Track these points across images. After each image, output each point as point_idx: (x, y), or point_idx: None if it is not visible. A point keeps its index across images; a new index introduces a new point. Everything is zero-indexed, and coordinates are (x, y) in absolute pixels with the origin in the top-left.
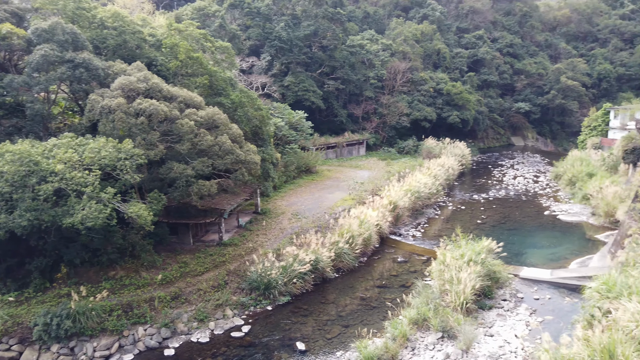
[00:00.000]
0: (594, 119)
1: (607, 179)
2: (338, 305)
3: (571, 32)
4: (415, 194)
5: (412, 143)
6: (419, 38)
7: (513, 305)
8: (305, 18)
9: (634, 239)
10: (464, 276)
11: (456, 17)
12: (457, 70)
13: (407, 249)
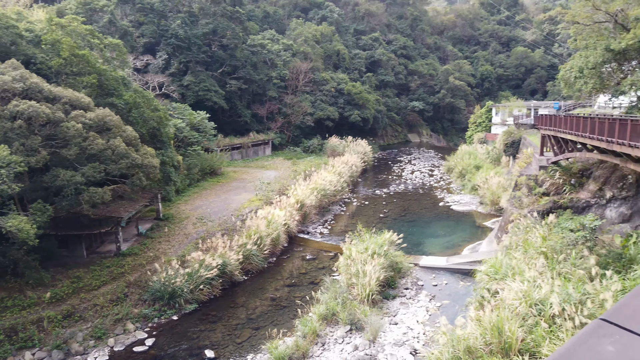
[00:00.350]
0: (478, 115)
1: (491, 170)
2: (248, 308)
3: (457, 36)
4: (322, 192)
5: (317, 142)
6: (319, 39)
7: (414, 293)
8: (203, 16)
9: (516, 224)
10: (369, 269)
11: (353, 19)
12: (356, 71)
13: (315, 246)
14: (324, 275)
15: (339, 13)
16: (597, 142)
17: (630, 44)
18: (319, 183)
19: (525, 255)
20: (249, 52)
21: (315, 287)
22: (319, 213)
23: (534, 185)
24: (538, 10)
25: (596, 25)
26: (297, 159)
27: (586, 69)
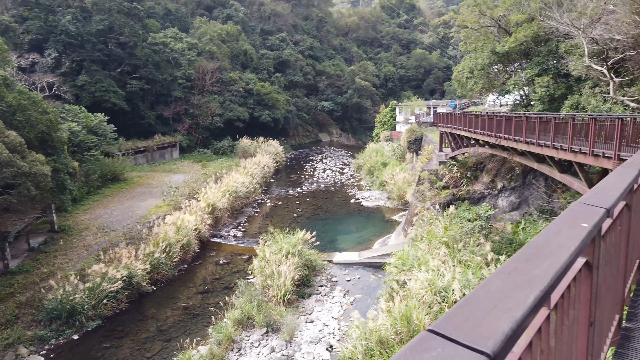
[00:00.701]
0: (383, 114)
1: (397, 167)
2: (158, 320)
3: (361, 38)
4: (234, 194)
5: (228, 143)
6: (224, 38)
7: (329, 289)
8: (98, 11)
9: (420, 216)
10: (283, 269)
11: (260, 19)
12: (265, 71)
13: (229, 250)
14: (238, 279)
15: (245, 12)
16: (487, 137)
17: (512, 46)
18: (230, 185)
19: (429, 246)
20: (150, 51)
21: (230, 292)
22: (231, 216)
23: (435, 180)
24: (433, 15)
25: (483, 29)
26: (207, 161)
27: (476, 70)
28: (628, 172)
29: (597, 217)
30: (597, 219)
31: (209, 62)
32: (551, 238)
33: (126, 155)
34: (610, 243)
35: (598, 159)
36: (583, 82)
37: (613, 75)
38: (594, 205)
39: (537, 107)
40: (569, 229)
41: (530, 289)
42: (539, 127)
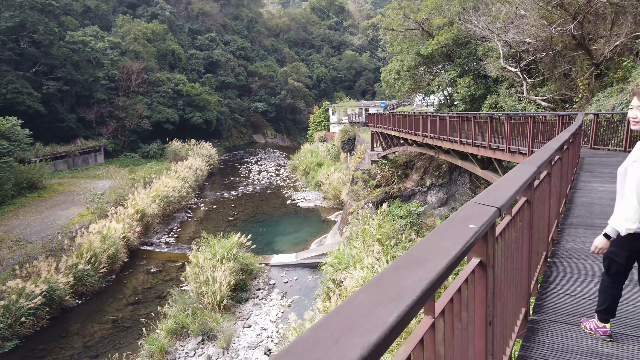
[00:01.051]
0: (317, 115)
1: (332, 167)
2: (84, 335)
3: (292, 39)
4: (165, 199)
5: (157, 146)
6: (150, 37)
7: (266, 292)
8: (7, 7)
9: (355, 215)
10: (218, 275)
11: (187, 18)
12: (194, 72)
13: (160, 257)
14: (171, 287)
15: (171, 11)
16: (415, 136)
17: (435, 49)
18: (160, 190)
19: (364, 244)
20: (68, 50)
21: (163, 301)
22: (163, 222)
23: (368, 179)
24: (362, 17)
25: (408, 32)
26: (135, 165)
27: (402, 71)
28: (527, 168)
29: (486, 217)
30: (486, 219)
31: (134, 62)
32: (435, 242)
33: (44, 161)
34: (510, 239)
35: (514, 155)
36: (500, 83)
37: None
38: (486, 204)
39: (460, 106)
40: (455, 232)
41: (395, 304)
42: (461, 126)
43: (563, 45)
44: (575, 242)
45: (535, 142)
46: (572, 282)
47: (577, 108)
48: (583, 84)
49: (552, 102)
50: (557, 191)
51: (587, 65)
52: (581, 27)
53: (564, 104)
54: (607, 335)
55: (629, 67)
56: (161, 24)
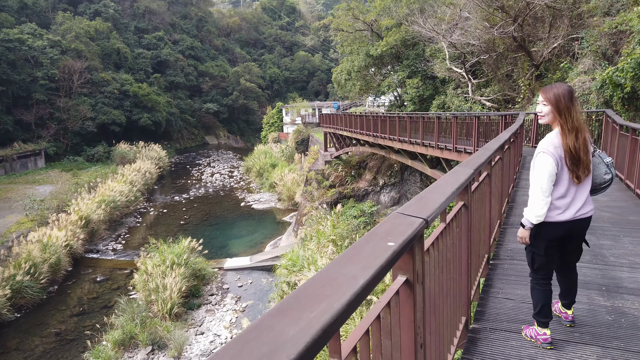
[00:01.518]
0: (270, 116)
1: (286, 168)
2: (24, 351)
3: (243, 39)
4: (111, 204)
5: (103, 149)
6: (93, 36)
7: (220, 298)
8: None
9: (309, 216)
10: (168, 282)
11: (133, 16)
12: (142, 72)
13: (107, 265)
14: (118, 296)
15: (115, 9)
16: (367, 137)
17: (385, 50)
18: (106, 195)
19: (318, 245)
20: (3, 49)
21: (109, 311)
22: (110, 228)
23: (322, 179)
24: (314, 18)
25: (358, 32)
26: (79, 169)
27: (353, 72)
28: (463, 171)
29: (410, 230)
30: (410, 232)
31: (76, 62)
32: (341, 268)
33: None
34: (446, 248)
35: (461, 155)
36: (447, 84)
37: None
38: (411, 215)
39: (410, 107)
40: (371, 251)
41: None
42: (410, 127)
43: (505, 47)
44: (517, 242)
45: (481, 142)
46: (512, 285)
47: (519, 108)
48: (524, 85)
49: (496, 102)
50: (499, 191)
51: (528, 67)
52: (521, 30)
53: (507, 103)
54: (547, 342)
55: (565, 68)
56: (105, 22)
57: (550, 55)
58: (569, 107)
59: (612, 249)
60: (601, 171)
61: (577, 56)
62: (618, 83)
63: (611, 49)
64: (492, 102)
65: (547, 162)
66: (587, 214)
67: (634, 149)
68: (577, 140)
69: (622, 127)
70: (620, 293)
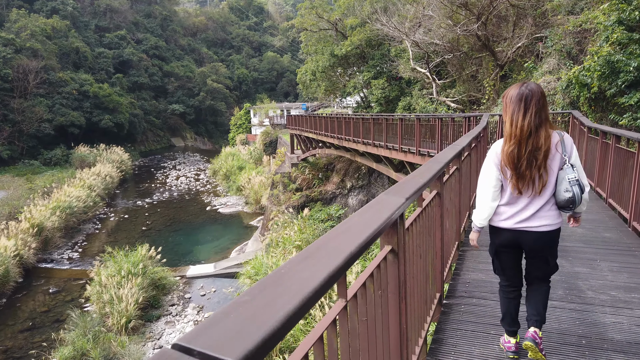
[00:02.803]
0: (238, 117)
1: (253, 170)
2: None
3: (210, 39)
4: (67, 210)
5: (61, 152)
6: (50, 34)
7: (181, 308)
8: None
9: (275, 221)
10: (124, 293)
11: (93, 14)
12: (103, 71)
13: (62, 275)
14: (71, 309)
15: (74, 6)
16: (332, 139)
17: (349, 50)
18: (62, 200)
19: (284, 251)
20: None
21: (62, 325)
22: (66, 235)
23: (288, 182)
24: (282, 19)
25: (322, 32)
26: (34, 174)
27: (318, 73)
28: (435, 164)
29: (394, 207)
30: (394, 209)
31: (32, 61)
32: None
33: None
34: (423, 229)
35: (424, 158)
36: (413, 85)
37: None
38: (395, 196)
39: (376, 108)
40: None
41: (293, 297)
42: (374, 129)
43: (469, 47)
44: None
45: (444, 144)
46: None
47: (484, 109)
48: (489, 85)
49: (461, 104)
50: (468, 185)
51: (492, 67)
52: (485, 28)
53: (472, 105)
54: (512, 351)
55: (530, 68)
56: (63, 20)
57: (514, 55)
58: (513, 110)
59: (589, 279)
60: (562, 187)
61: (541, 56)
62: (584, 83)
63: (576, 48)
64: (457, 103)
65: (485, 167)
66: (536, 228)
67: (604, 154)
68: (516, 150)
69: (591, 129)
70: (604, 350)
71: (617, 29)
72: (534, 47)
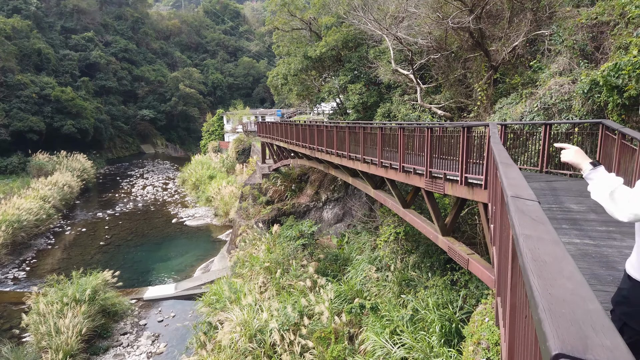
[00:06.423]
0: (211, 124)
1: (224, 179)
2: None
3: (184, 42)
4: (14, 224)
5: (18, 160)
6: (10, 34)
7: (134, 337)
8: None
9: (243, 237)
10: (65, 323)
11: (59, 15)
12: (67, 75)
13: (3, 298)
14: (7, 339)
15: (38, 6)
16: (303, 149)
17: (324, 51)
18: (10, 213)
19: (251, 272)
20: None
21: None
22: (13, 252)
23: (258, 195)
24: (259, 24)
25: (295, 32)
26: None
27: (289, 76)
28: None
29: None
30: None
31: None
32: None
33: None
34: None
35: (409, 176)
36: (394, 90)
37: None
38: None
39: (353, 115)
40: None
41: None
42: (350, 138)
43: (459, 45)
44: None
45: (434, 159)
46: None
47: (474, 117)
48: (481, 89)
49: (448, 111)
50: None
51: (485, 69)
52: (478, 23)
53: (461, 112)
54: None
55: (535, 68)
56: (24, 20)
57: (510, 56)
58: None
59: None
60: None
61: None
62: (615, 85)
63: (591, 45)
64: (444, 110)
65: None
66: None
67: None
68: None
69: None
70: None
71: None
72: (533, 46)
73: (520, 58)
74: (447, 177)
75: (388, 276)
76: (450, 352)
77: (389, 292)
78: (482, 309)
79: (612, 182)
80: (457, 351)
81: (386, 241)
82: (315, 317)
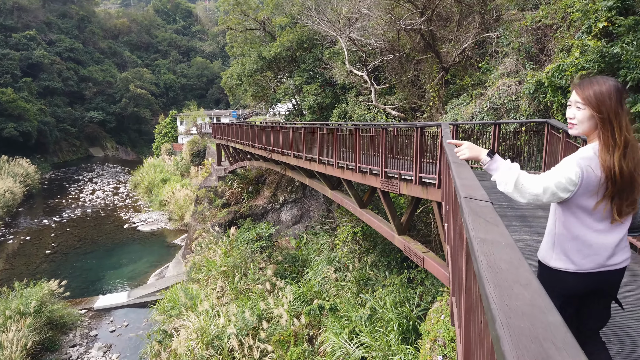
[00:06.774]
0: (163, 125)
1: (178, 182)
2: None
3: (133, 42)
4: None
5: None
6: None
7: (84, 349)
8: None
9: (199, 241)
10: (9, 337)
11: None
12: (8, 75)
13: None
14: None
15: None
16: (259, 150)
17: (279, 52)
18: None
19: (207, 277)
20: None
21: None
22: None
23: (214, 197)
24: (212, 24)
25: (249, 32)
26: None
27: (244, 77)
28: None
29: None
30: None
31: None
32: None
33: None
34: None
35: (365, 177)
36: (349, 91)
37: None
38: None
39: (309, 116)
40: None
41: None
42: (306, 139)
43: (411, 47)
44: None
45: (389, 159)
46: None
47: (427, 117)
48: (433, 90)
49: (402, 111)
50: None
51: (437, 70)
52: (429, 26)
53: (414, 112)
54: None
55: (484, 69)
56: None
57: (460, 57)
58: (617, 111)
59: None
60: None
61: (494, 56)
62: (559, 85)
63: (535, 47)
64: (398, 111)
65: (570, 169)
66: (620, 264)
67: None
68: (628, 159)
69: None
70: None
71: (602, 16)
72: (481, 48)
73: (469, 60)
74: (402, 177)
75: (346, 276)
76: (408, 350)
77: (348, 292)
78: (437, 306)
79: (514, 171)
80: (415, 348)
81: (344, 241)
82: (274, 320)
